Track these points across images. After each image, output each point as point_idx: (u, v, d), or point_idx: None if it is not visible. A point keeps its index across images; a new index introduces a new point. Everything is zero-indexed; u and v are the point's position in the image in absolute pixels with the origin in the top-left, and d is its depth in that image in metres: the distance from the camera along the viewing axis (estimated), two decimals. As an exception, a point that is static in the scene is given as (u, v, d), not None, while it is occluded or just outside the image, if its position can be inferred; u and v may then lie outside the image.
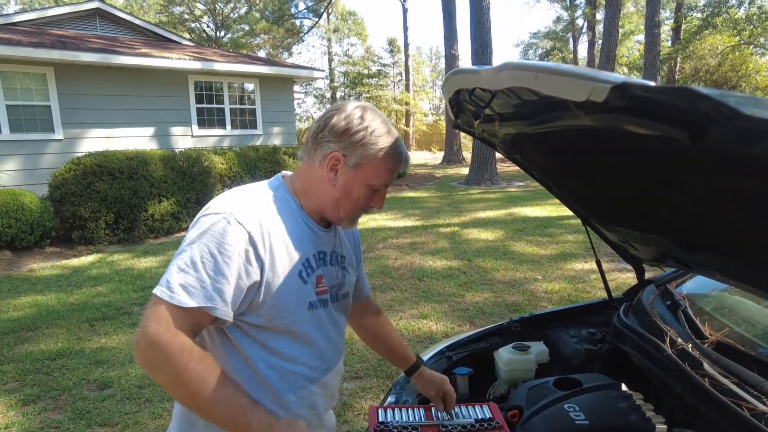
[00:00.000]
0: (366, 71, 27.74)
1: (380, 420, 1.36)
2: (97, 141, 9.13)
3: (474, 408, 1.42)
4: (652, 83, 0.56)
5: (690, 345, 1.37)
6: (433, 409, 1.43)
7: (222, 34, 33.57)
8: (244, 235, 0.96)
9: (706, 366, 1.26)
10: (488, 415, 1.38)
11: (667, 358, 1.35)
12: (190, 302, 0.91)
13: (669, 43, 24.11)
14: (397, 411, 1.41)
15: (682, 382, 1.27)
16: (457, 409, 1.43)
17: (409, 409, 1.44)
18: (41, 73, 8.56)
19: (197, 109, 10.50)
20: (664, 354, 1.36)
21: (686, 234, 1.14)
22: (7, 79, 8.25)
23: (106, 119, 9.29)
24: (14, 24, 10.94)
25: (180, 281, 0.92)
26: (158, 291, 0.93)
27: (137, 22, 12.70)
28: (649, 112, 0.61)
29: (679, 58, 22.51)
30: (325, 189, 1.08)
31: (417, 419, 1.39)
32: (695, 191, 0.83)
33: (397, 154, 1.09)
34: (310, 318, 1.08)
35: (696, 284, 1.86)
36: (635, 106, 0.61)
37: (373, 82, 27.21)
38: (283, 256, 1.02)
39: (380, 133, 1.07)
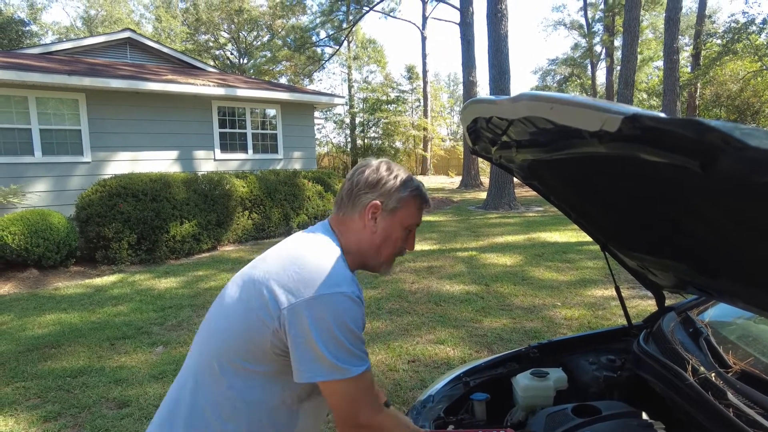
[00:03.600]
0: (385, 97, 28.15)
1: None
2: (123, 164, 9.42)
3: None
4: (662, 114, 0.59)
5: (713, 374, 1.35)
6: None
7: (245, 61, 34.60)
8: (362, 309, 1.12)
9: (730, 396, 1.24)
10: None
11: (689, 386, 1.33)
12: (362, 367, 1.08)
13: (688, 69, 24.01)
14: None
15: (705, 412, 1.24)
16: None
17: None
18: (73, 99, 8.92)
19: (220, 133, 10.77)
20: (686, 383, 1.34)
21: (704, 260, 1.14)
22: (42, 105, 8.62)
23: (132, 143, 9.59)
24: (51, 53, 11.48)
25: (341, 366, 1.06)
26: (332, 373, 1.05)
27: (164, 50, 13.19)
28: (661, 142, 0.63)
29: (699, 84, 22.37)
30: (367, 238, 1.20)
31: None
32: (710, 217, 0.85)
33: (423, 194, 1.23)
34: None
35: (719, 312, 1.83)
36: (647, 135, 0.63)
37: (391, 108, 27.58)
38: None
39: (407, 179, 1.21)
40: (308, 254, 1.11)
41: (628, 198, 1.15)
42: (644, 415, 1.46)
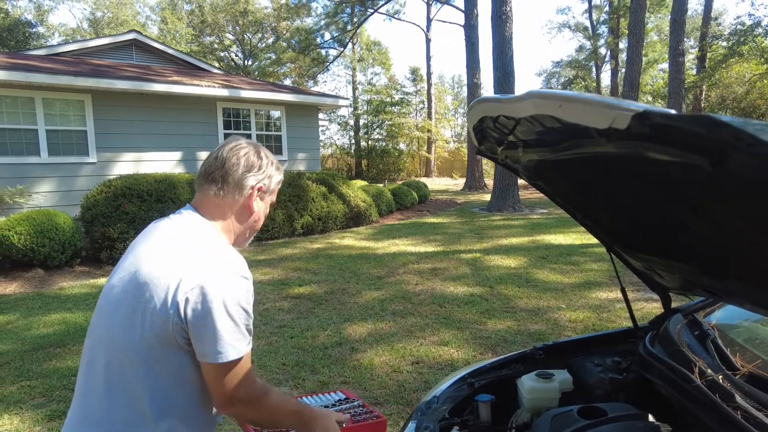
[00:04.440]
0: (389, 99, 28.17)
1: None
2: (128, 164, 9.47)
3: None
4: (672, 111, 0.58)
5: (721, 376, 1.34)
6: None
7: (250, 62, 34.72)
8: (250, 284, 1.17)
9: (738, 398, 1.23)
10: None
11: (696, 389, 1.31)
12: (246, 348, 1.13)
13: (694, 71, 23.93)
14: None
15: (712, 415, 1.23)
16: None
17: None
18: (79, 100, 8.98)
19: (225, 134, 10.81)
20: (693, 385, 1.33)
21: (712, 261, 1.13)
22: (48, 106, 8.68)
23: (137, 143, 9.64)
24: (57, 54, 11.56)
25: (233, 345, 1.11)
26: (226, 357, 1.09)
27: (170, 51, 13.26)
28: (671, 139, 0.62)
29: (704, 87, 22.29)
30: (246, 218, 1.28)
31: None
32: (718, 217, 0.84)
33: (280, 167, 1.35)
34: None
35: (726, 314, 1.82)
36: (657, 133, 0.63)
37: (395, 110, 27.59)
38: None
39: (278, 163, 1.33)
40: (193, 244, 1.16)
41: (634, 198, 1.14)
42: (650, 418, 1.45)
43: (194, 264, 1.11)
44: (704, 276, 1.27)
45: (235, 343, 1.10)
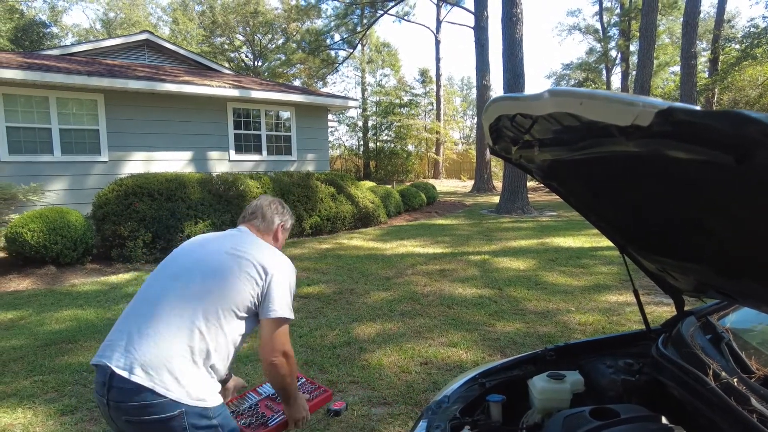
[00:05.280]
0: (398, 101, 28.18)
1: None
2: (139, 163, 9.55)
3: None
4: (697, 107, 0.58)
5: (735, 379, 1.33)
6: None
7: (260, 63, 34.90)
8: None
9: (754, 401, 1.22)
10: None
11: (710, 391, 1.31)
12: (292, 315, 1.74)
13: (706, 74, 23.70)
14: None
15: (727, 418, 1.23)
16: None
17: None
18: (92, 99, 9.08)
19: (235, 134, 10.88)
20: (708, 387, 1.32)
21: (727, 262, 1.13)
22: (62, 105, 8.78)
23: (148, 143, 9.72)
24: (71, 54, 11.70)
25: (291, 307, 1.75)
26: (286, 314, 1.70)
27: (181, 51, 13.37)
28: (694, 137, 0.62)
29: (716, 90, 22.06)
30: (277, 246, 1.96)
31: None
32: (739, 216, 0.83)
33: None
34: None
35: (740, 317, 1.80)
36: (680, 130, 0.63)
37: (404, 112, 27.59)
38: None
39: (291, 213, 2.10)
40: (266, 246, 1.85)
41: (651, 198, 1.14)
42: (663, 420, 1.44)
43: (270, 254, 1.78)
44: (719, 277, 1.26)
45: (288, 308, 1.71)
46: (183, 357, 1.55)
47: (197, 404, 1.53)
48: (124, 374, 1.51)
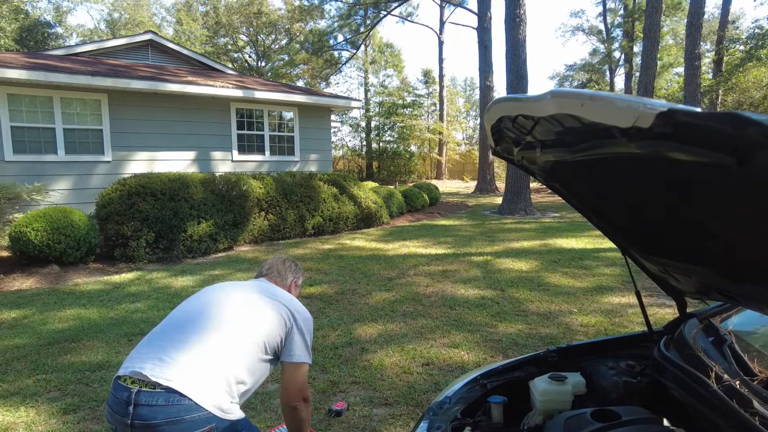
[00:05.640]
0: (401, 101, 28.19)
1: None
2: (142, 163, 9.59)
3: None
4: (698, 109, 0.58)
5: (738, 382, 1.32)
6: None
7: (263, 63, 34.96)
8: None
9: (756, 404, 1.21)
10: None
11: (713, 394, 1.30)
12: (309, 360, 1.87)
13: (710, 76, 23.63)
14: None
15: (729, 420, 1.22)
16: None
17: None
18: (96, 99, 9.11)
19: (238, 135, 10.90)
20: (710, 390, 1.32)
21: (730, 264, 1.12)
22: (66, 105, 8.82)
23: (151, 143, 9.75)
24: (75, 54, 11.75)
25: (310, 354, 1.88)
26: (307, 359, 1.84)
27: (185, 52, 13.40)
28: (696, 138, 0.62)
29: (720, 91, 22.00)
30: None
31: None
32: (741, 218, 0.83)
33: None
34: None
35: (743, 319, 1.80)
36: (681, 132, 0.63)
37: (407, 112, 27.60)
38: None
39: (302, 271, 2.27)
40: (291, 295, 2.02)
41: (652, 200, 1.14)
42: (665, 422, 1.43)
43: (296, 301, 1.94)
44: (722, 279, 1.26)
45: (307, 353, 1.84)
46: (215, 379, 1.59)
47: (227, 417, 1.58)
48: (162, 381, 1.51)
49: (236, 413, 1.63)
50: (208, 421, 1.52)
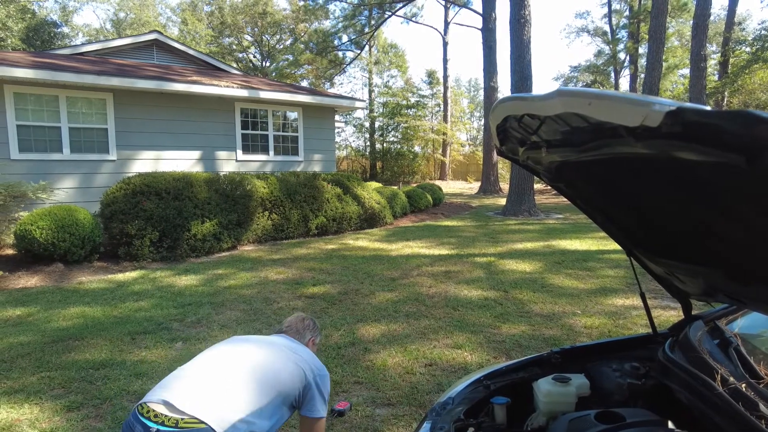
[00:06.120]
0: (405, 102, 28.18)
1: None
2: (147, 162, 9.61)
3: None
4: (707, 108, 0.57)
5: (744, 384, 1.31)
6: None
7: (267, 64, 35.03)
8: None
9: (763, 407, 1.20)
10: None
11: (718, 396, 1.29)
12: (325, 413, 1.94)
13: (716, 77, 23.52)
14: None
15: (735, 424, 1.21)
16: None
17: None
18: (101, 99, 9.14)
19: (242, 134, 10.92)
20: (715, 392, 1.31)
21: (737, 266, 1.11)
22: (71, 104, 8.86)
23: (156, 142, 9.78)
24: (81, 54, 11.79)
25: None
26: (324, 414, 1.93)
27: (190, 51, 13.43)
28: (704, 137, 0.62)
29: (726, 93, 21.89)
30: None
31: None
32: (749, 219, 0.82)
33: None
34: None
35: (749, 322, 1.78)
36: (690, 131, 0.62)
37: (411, 113, 27.59)
38: None
39: (320, 328, 2.33)
40: (308, 353, 2.03)
41: (659, 201, 1.13)
42: (670, 424, 1.43)
43: (314, 362, 1.98)
44: (729, 281, 1.25)
45: (325, 408, 1.94)
46: (234, 422, 1.62)
47: None
48: (184, 408, 1.57)
49: None
50: None
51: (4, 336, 4.36)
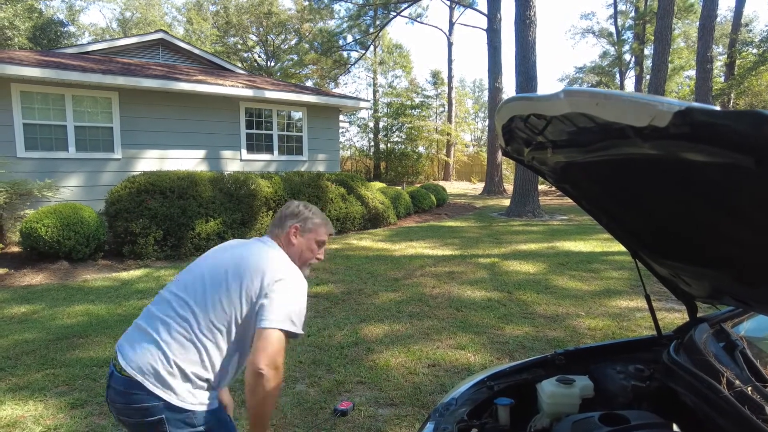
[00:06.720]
0: (409, 102, 28.18)
1: None
2: (152, 161, 9.64)
3: None
4: (716, 108, 0.57)
5: (750, 388, 1.31)
6: None
7: (272, 63, 35.08)
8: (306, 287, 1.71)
9: (768, 411, 1.20)
10: None
11: (724, 399, 1.28)
12: (299, 332, 1.60)
13: (722, 79, 23.39)
14: None
15: (740, 427, 1.20)
16: None
17: None
18: (107, 98, 9.18)
19: (247, 134, 10.94)
20: (721, 395, 1.30)
21: (745, 268, 1.11)
22: (77, 103, 8.90)
23: (161, 141, 9.81)
24: (87, 53, 11.84)
25: (297, 319, 1.61)
26: (281, 325, 1.55)
27: (195, 51, 13.47)
28: (713, 138, 0.61)
29: (733, 94, 21.76)
30: (295, 250, 1.81)
31: None
32: (758, 221, 0.82)
33: (328, 222, 1.92)
34: None
35: (755, 324, 1.77)
36: (698, 131, 0.61)
37: (415, 113, 27.58)
38: None
39: (317, 212, 1.89)
40: (274, 256, 1.72)
41: (665, 202, 1.12)
42: (675, 427, 1.42)
43: (275, 263, 1.68)
44: (735, 284, 1.24)
45: (286, 321, 1.56)
46: (172, 363, 1.54)
47: (183, 406, 1.53)
48: (125, 368, 1.55)
49: (196, 405, 1.56)
50: (160, 411, 1.52)
51: (10, 333, 4.39)
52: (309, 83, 32.87)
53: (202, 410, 1.57)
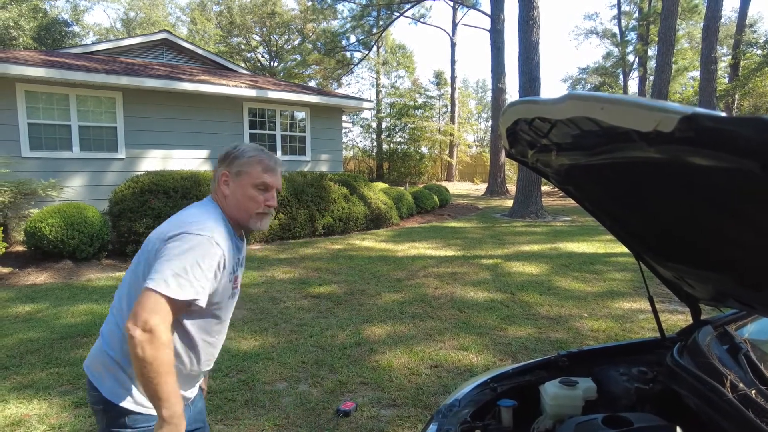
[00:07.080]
0: (412, 103, 28.18)
1: None
2: (155, 161, 9.68)
3: None
4: (722, 114, 0.57)
5: (754, 391, 1.30)
6: None
7: (275, 63, 35.13)
8: (220, 253, 1.39)
9: (772, 414, 1.19)
10: None
11: (727, 402, 1.28)
12: (181, 295, 1.29)
13: (726, 80, 23.31)
14: None
15: (744, 430, 1.20)
16: None
17: None
18: (111, 98, 9.22)
19: (250, 134, 10.96)
20: (725, 398, 1.30)
21: (749, 271, 1.11)
22: (81, 102, 8.94)
23: (164, 141, 9.84)
24: (91, 53, 11.90)
25: (175, 280, 1.29)
26: (154, 285, 1.28)
27: (198, 51, 13.51)
28: (718, 143, 0.61)
29: (737, 95, 21.70)
30: (231, 201, 1.50)
31: None
32: (761, 224, 0.82)
33: (264, 156, 1.52)
34: (227, 305, 1.54)
35: (759, 327, 1.77)
36: (703, 137, 0.62)
37: (418, 114, 27.58)
38: (228, 266, 1.45)
39: (248, 148, 1.52)
40: (190, 211, 1.48)
41: (669, 205, 1.13)
42: (678, 430, 1.42)
43: (174, 220, 1.44)
44: (740, 287, 1.24)
45: (160, 282, 1.28)
46: (112, 355, 1.45)
47: (123, 405, 1.42)
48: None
49: (131, 404, 1.43)
50: (103, 404, 1.44)
51: (14, 332, 4.41)
52: (312, 83, 32.91)
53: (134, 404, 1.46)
